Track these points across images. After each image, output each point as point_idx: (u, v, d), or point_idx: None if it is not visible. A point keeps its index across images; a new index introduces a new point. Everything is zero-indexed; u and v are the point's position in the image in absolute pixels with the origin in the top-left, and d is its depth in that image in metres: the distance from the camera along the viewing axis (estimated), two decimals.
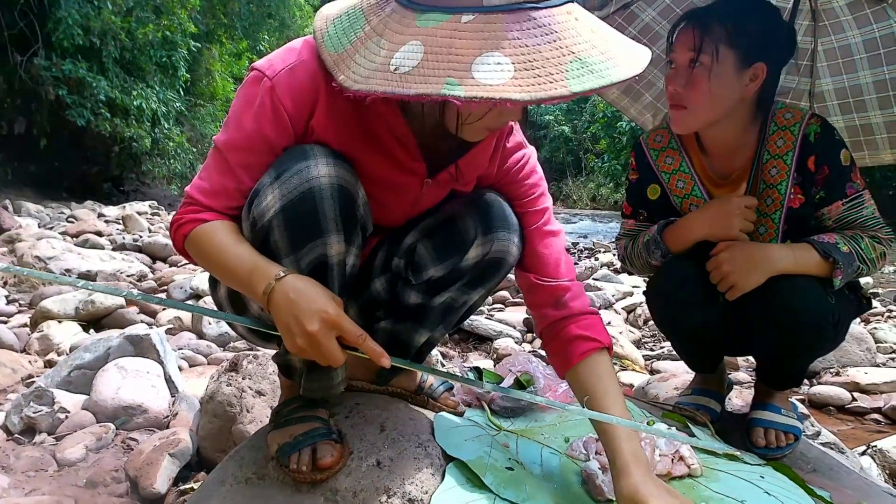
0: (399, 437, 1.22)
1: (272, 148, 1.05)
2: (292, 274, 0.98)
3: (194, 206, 1.06)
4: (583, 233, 11.65)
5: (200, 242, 1.04)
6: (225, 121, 1.09)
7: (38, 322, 3.00)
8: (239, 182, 1.05)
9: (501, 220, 1.20)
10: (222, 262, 1.03)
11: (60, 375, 2.17)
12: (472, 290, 1.26)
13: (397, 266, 1.25)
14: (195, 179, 1.09)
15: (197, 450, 1.80)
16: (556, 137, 26.57)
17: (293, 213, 0.99)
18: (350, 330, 0.96)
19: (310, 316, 0.93)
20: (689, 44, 1.39)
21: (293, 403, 1.23)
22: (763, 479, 1.22)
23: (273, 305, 0.96)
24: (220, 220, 1.05)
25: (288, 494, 1.11)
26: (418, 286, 1.23)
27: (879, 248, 1.43)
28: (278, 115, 1.03)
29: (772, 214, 1.49)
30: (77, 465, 1.75)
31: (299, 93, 1.03)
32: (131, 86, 10.41)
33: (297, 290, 0.95)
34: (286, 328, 0.95)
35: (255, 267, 0.99)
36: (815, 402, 2.69)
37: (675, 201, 1.60)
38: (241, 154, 1.05)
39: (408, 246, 1.24)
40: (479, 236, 1.18)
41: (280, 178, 1.00)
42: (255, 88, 1.04)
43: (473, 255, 1.20)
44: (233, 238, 1.04)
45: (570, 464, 1.22)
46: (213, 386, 1.81)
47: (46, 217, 7.61)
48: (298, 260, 1.01)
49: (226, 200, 1.06)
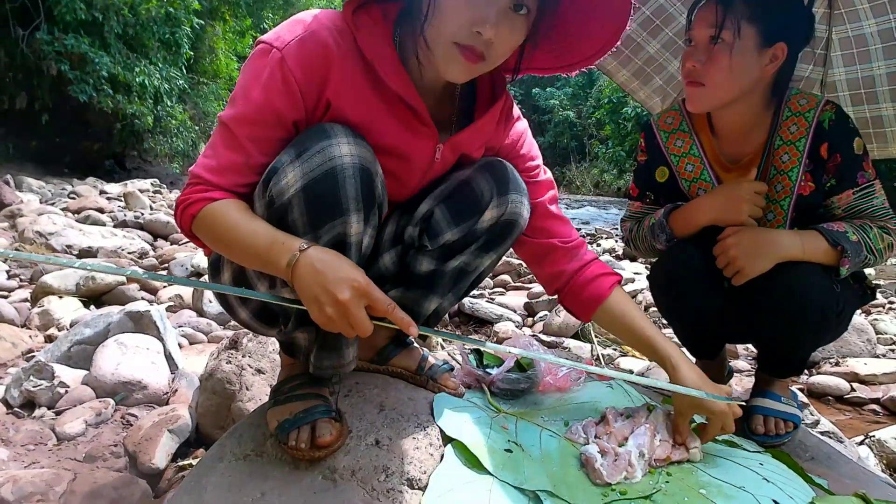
0: (398, 417, 1.22)
1: (282, 121, 1.04)
2: (314, 246, 0.97)
3: (201, 185, 1.04)
4: (585, 219, 11.62)
5: (211, 221, 1.02)
6: (231, 97, 1.08)
7: (38, 297, 3.00)
8: (248, 156, 1.04)
9: (513, 183, 1.22)
10: (237, 239, 1.00)
11: (60, 350, 2.18)
12: (484, 254, 1.25)
13: (411, 236, 1.24)
14: (200, 158, 1.07)
15: (196, 426, 1.80)
16: (561, 122, 26.45)
17: (315, 192, 0.98)
18: (380, 299, 0.95)
19: (340, 285, 0.92)
20: (711, 20, 1.36)
21: (294, 381, 1.23)
22: (762, 465, 1.22)
23: (298, 277, 0.94)
24: (229, 198, 1.03)
25: (286, 472, 1.11)
26: (432, 252, 1.22)
27: (888, 238, 1.42)
28: (289, 87, 1.02)
29: (781, 201, 1.48)
30: (76, 439, 1.76)
31: (310, 63, 1.02)
32: (134, 62, 10.36)
33: (323, 261, 0.94)
34: (314, 299, 0.93)
35: (275, 241, 0.97)
36: (814, 392, 2.70)
37: (683, 185, 1.59)
38: (250, 127, 1.03)
39: (423, 214, 1.23)
40: (494, 198, 1.19)
41: (301, 156, 0.99)
42: (264, 60, 1.02)
43: (489, 218, 1.20)
44: (246, 215, 1.02)
45: (569, 447, 1.22)
46: (212, 363, 1.81)
47: (48, 193, 7.60)
48: (317, 239, 1.00)
49: (234, 177, 1.04)
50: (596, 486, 1.11)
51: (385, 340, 1.43)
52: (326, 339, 1.13)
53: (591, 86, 25.83)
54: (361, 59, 1.07)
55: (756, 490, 1.12)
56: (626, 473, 1.13)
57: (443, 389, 1.37)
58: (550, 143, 27.13)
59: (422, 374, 1.40)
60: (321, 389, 1.23)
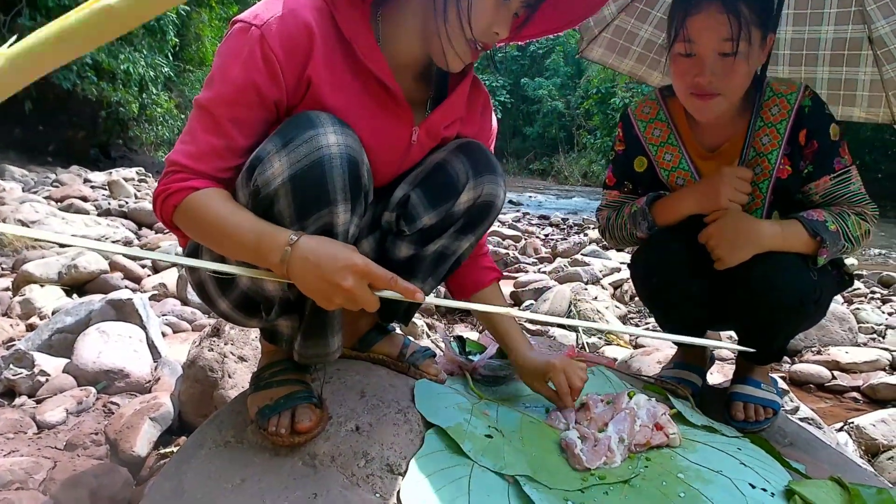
0: (379, 403, 1.22)
1: (263, 100, 1.02)
2: (303, 236, 0.95)
3: (181, 173, 1.01)
4: (573, 209, 11.64)
5: (194, 212, 1.00)
6: (207, 78, 1.05)
7: (20, 286, 2.97)
8: (228, 139, 1.02)
9: (487, 164, 1.22)
10: (222, 231, 0.98)
11: (41, 338, 2.16)
12: (462, 237, 1.25)
13: (388, 221, 1.23)
14: (178, 144, 1.04)
15: (178, 414, 1.79)
16: (549, 113, 26.44)
17: (302, 183, 0.96)
18: (381, 275, 0.94)
19: (341, 273, 0.91)
20: (721, 32, 1.31)
21: (275, 367, 1.23)
22: (739, 450, 1.23)
23: (295, 273, 0.93)
24: (211, 186, 1.01)
25: (266, 458, 1.11)
26: (410, 237, 1.21)
27: (865, 225, 1.43)
28: (269, 65, 1.00)
29: (760, 183, 1.48)
30: (57, 427, 1.74)
31: (291, 41, 1.01)
32: (118, 49, 10.21)
33: (316, 252, 0.93)
34: (318, 291, 0.93)
35: (262, 235, 0.95)
36: (795, 380, 2.73)
37: (661, 174, 1.59)
38: (230, 108, 1.01)
39: (399, 198, 1.22)
40: (469, 180, 1.20)
41: (287, 146, 0.97)
42: (242, 39, 1.00)
43: (465, 200, 1.20)
44: (230, 206, 1.00)
45: (549, 432, 1.23)
46: (194, 351, 1.80)
47: (31, 181, 7.50)
48: (303, 229, 0.98)
49: (215, 161, 1.02)
50: (575, 472, 1.11)
51: (367, 327, 1.43)
52: (311, 328, 1.12)
53: (579, 76, 25.82)
54: (339, 39, 1.06)
55: (733, 474, 1.13)
56: (606, 459, 1.13)
57: (424, 376, 1.37)
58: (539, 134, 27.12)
59: (404, 361, 1.40)
60: (302, 376, 1.22)
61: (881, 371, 2.81)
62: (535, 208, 11.17)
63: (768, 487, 1.10)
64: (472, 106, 1.31)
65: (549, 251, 5.85)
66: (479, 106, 1.33)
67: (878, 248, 7.94)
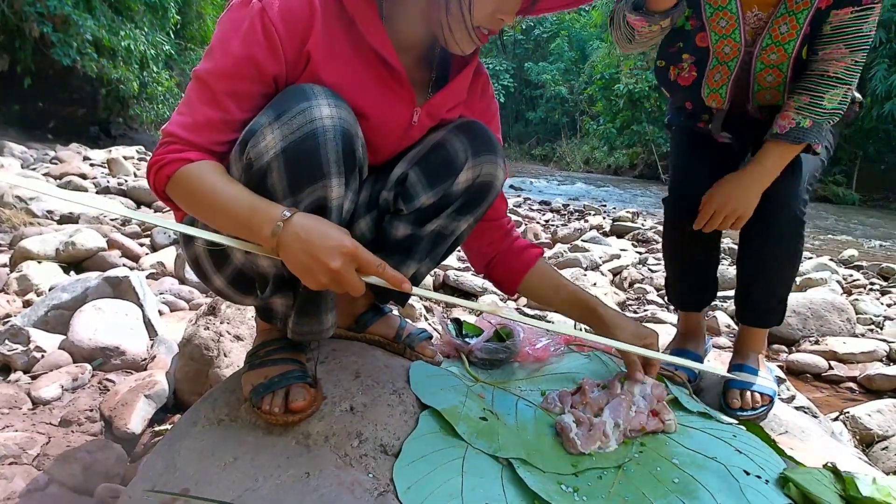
0: (374, 384, 1.21)
1: (262, 74, 1.01)
2: (297, 213, 0.94)
3: (176, 144, 1.00)
4: (574, 195, 11.61)
5: (187, 184, 0.99)
6: (207, 50, 1.04)
7: (17, 262, 2.95)
8: (225, 112, 1.01)
9: (487, 144, 1.20)
10: (215, 204, 0.97)
11: (37, 315, 2.15)
12: (460, 217, 1.23)
13: (385, 200, 1.21)
14: (174, 115, 1.03)
15: (173, 392, 1.79)
16: (553, 98, 26.31)
17: (295, 155, 0.95)
18: (370, 260, 0.95)
19: (330, 253, 0.91)
20: None
21: (270, 346, 1.22)
22: (735, 437, 1.23)
23: (284, 247, 0.93)
24: (205, 159, 1.00)
25: (259, 436, 1.10)
26: (408, 216, 1.20)
27: (839, 90, 1.44)
28: (269, 38, 0.99)
29: (798, 13, 1.44)
30: (52, 403, 1.74)
31: (292, 15, 1.00)
32: (119, 26, 10.12)
33: (308, 229, 0.93)
34: (304, 268, 0.93)
35: (256, 209, 0.95)
36: (792, 370, 2.73)
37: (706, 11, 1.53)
38: (228, 81, 1.00)
39: (398, 177, 1.21)
40: (469, 159, 1.18)
41: (280, 118, 0.96)
42: (243, 12, 1.00)
43: (464, 179, 1.19)
44: (224, 178, 0.99)
45: (544, 416, 1.22)
46: (190, 329, 1.79)
47: (30, 158, 7.46)
48: (297, 203, 0.98)
49: (212, 134, 1.01)
50: (570, 455, 1.11)
51: (363, 308, 1.42)
52: (305, 305, 1.11)
53: (583, 61, 25.65)
54: (341, 15, 1.05)
55: (728, 461, 1.13)
56: (601, 443, 1.13)
57: (420, 357, 1.36)
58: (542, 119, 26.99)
59: (399, 342, 1.39)
60: (297, 355, 1.22)
61: (878, 362, 2.80)
62: (536, 194, 11.13)
63: (762, 474, 1.10)
64: (472, 89, 1.29)
65: (549, 237, 5.83)
66: (478, 89, 1.32)
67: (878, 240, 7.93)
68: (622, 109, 19.76)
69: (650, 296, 3.74)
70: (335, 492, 0.96)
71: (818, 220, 8.64)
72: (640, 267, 4.57)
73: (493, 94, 1.37)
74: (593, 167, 22.09)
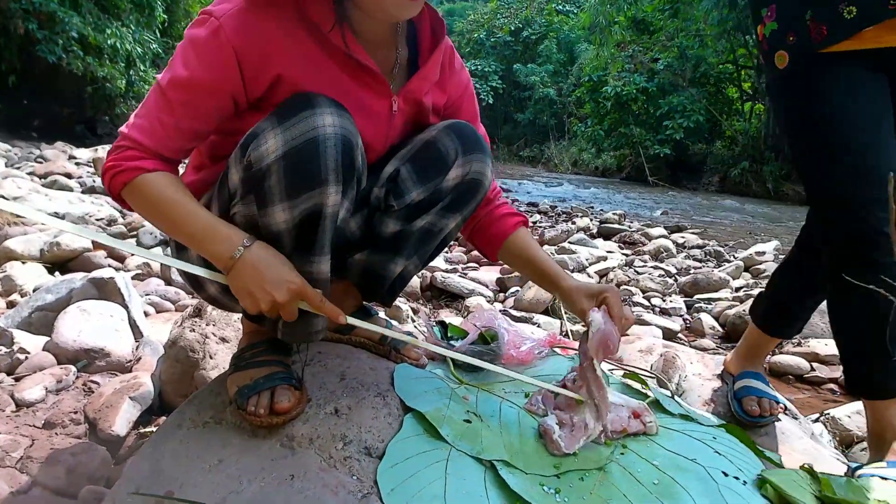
0: (358, 387, 1.22)
1: (214, 91, 1.05)
2: (257, 242, 1.01)
3: (131, 149, 1.04)
4: (561, 196, 11.66)
5: (144, 194, 1.04)
6: (169, 61, 1.08)
7: (1, 263, 2.93)
8: (178, 120, 1.04)
9: (476, 143, 1.24)
10: (173, 218, 1.04)
11: (21, 316, 2.14)
12: (449, 215, 1.26)
13: (376, 197, 1.24)
14: (132, 118, 1.07)
15: (159, 394, 1.79)
16: (541, 99, 26.39)
17: (295, 161, 0.98)
18: (312, 297, 1.03)
19: (278, 286, 0.99)
20: None
21: (255, 348, 1.23)
22: (715, 439, 1.25)
23: (236, 272, 1.00)
24: (161, 170, 1.05)
25: (244, 439, 1.11)
26: (398, 213, 1.22)
27: None
28: (224, 57, 1.02)
29: None
30: (36, 405, 1.73)
31: (249, 33, 1.02)
32: (105, 23, 10.07)
33: (264, 260, 1.00)
34: (248, 293, 1.00)
35: (216, 231, 1.02)
36: (774, 371, 2.76)
37: None
38: (182, 93, 1.03)
39: (389, 174, 1.23)
40: (459, 157, 1.21)
41: (283, 123, 0.99)
42: (201, 29, 1.03)
43: (454, 176, 1.22)
44: (183, 195, 1.05)
45: (528, 418, 1.23)
46: (176, 331, 1.79)
47: (14, 156, 7.40)
48: (293, 208, 1.00)
49: (164, 140, 1.05)
50: (552, 457, 1.12)
51: (350, 309, 1.42)
52: None
53: (572, 63, 25.76)
54: (305, 24, 1.07)
55: (708, 462, 1.15)
56: (585, 434, 1.15)
57: (405, 360, 1.37)
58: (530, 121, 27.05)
59: (385, 344, 1.40)
60: (282, 357, 1.22)
61: None
62: (524, 195, 11.17)
63: (741, 476, 1.12)
64: (442, 67, 1.30)
65: (536, 238, 5.85)
66: (446, 64, 1.31)
67: None
68: (610, 112, 19.85)
69: (636, 297, 3.77)
70: (319, 494, 0.97)
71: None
72: (626, 269, 4.61)
73: (462, 64, 1.37)
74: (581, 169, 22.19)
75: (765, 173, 14.93)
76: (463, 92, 1.36)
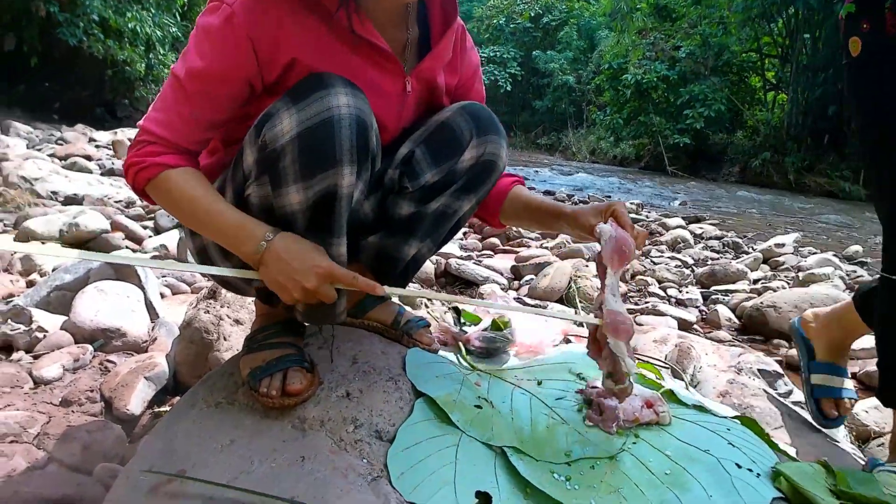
0: (370, 370, 1.22)
1: (229, 78, 1.05)
2: (280, 233, 1.02)
3: (152, 144, 1.04)
4: (578, 186, 11.57)
5: (169, 190, 1.05)
6: (183, 50, 1.07)
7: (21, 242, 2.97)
8: (195, 110, 1.05)
9: (491, 124, 1.23)
10: (199, 214, 1.05)
11: (39, 295, 2.17)
12: (464, 196, 1.25)
13: (391, 179, 1.24)
14: (150, 111, 1.08)
15: (173, 374, 1.81)
16: (560, 87, 26.09)
17: (309, 141, 0.98)
18: (342, 276, 1.03)
19: (306, 274, 1.00)
20: None
21: (268, 330, 1.23)
22: (729, 431, 1.23)
23: (264, 265, 1.02)
24: (184, 166, 1.05)
25: (256, 419, 1.11)
26: (412, 194, 1.22)
27: None
28: (238, 43, 1.02)
29: None
30: (53, 383, 1.76)
31: (261, 18, 1.02)
32: (126, 7, 10.11)
33: (288, 250, 1.00)
34: (280, 286, 1.02)
35: (242, 226, 1.03)
36: (792, 365, 2.72)
37: None
38: (199, 83, 1.04)
39: (403, 156, 1.23)
40: (473, 138, 1.21)
41: (298, 103, 0.99)
42: (213, 17, 1.02)
43: (468, 157, 1.21)
44: (208, 191, 1.06)
45: (540, 405, 1.23)
46: (191, 312, 1.80)
47: (35, 138, 7.48)
48: (307, 189, 1.00)
49: (183, 131, 1.05)
50: (563, 445, 1.11)
51: (363, 293, 1.43)
52: None
53: (592, 50, 25.45)
54: (316, 8, 1.06)
55: (721, 454, 1.13)
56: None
57: (417, 344, 1.37)
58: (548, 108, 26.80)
59: (397, 329, 1.40)
60: (295, 339, 1.23)
61: None
62: (541, 183, 11.10)
63: (754, 468, 1.10)
64: (454, 48, 1.29)
65: None
66: (458, 46, 1.30)
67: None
68: (629, 100, 19.59)
69: (652, 288, 3.74)
70: (329, 476, 0.97)
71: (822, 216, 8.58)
72: (642, 259, 4.57)
73: (473, 44, 1.36)
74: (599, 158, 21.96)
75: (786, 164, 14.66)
76: (473, 73, 1.36)
